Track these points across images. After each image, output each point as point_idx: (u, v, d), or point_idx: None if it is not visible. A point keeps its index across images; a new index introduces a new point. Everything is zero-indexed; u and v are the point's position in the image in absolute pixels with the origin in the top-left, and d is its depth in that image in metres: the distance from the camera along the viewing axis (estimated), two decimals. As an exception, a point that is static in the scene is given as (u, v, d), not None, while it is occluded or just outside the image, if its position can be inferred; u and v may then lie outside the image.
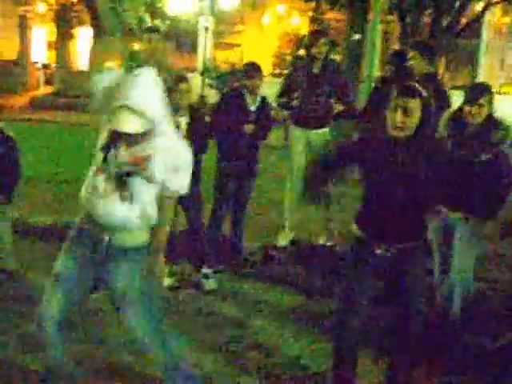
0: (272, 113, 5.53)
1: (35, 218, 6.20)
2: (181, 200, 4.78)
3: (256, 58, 5.20)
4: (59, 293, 2.97)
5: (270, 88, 5.82)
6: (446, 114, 4.18)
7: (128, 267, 2.93)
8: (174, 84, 4.68)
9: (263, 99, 5.31)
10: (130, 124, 2.68)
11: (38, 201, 6.95)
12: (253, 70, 5.20)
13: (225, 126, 5.13)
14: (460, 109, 4.07)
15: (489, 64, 20.15)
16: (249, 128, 5.17)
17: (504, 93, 18.10)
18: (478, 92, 4.01)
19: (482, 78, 18.81)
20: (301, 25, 22.75)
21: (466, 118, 3.98)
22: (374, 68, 17.12)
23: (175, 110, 4.67)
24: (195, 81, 16.31)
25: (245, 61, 6.30)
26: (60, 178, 8.15)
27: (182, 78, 4.79)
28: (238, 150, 5.20)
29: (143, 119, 2.70)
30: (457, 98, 4.73)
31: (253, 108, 5.23)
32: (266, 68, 23.87)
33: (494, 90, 4.09)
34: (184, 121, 4.72)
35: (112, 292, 3.01)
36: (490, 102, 4.00)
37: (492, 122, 3.99)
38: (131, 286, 2.93)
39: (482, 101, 3.93)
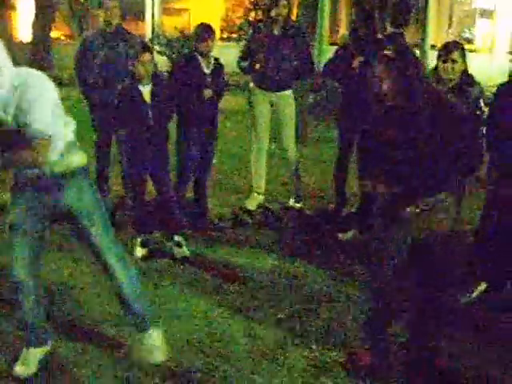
0: (226, 77, 5.47)
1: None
2: (149, 169, 4.77)
3: (204, 22, 5.10)
4: (21, 241, 3.11)
5: (220, 53, 5.72)
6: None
7: (74, 189, 3.09)
8: (137, 54, 4.58)
9: (216, 60, 5.23)
10: None
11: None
12: (205, 32, 5.09)
13: (182, 92, 5.06)
14: (435, 67, 4.14)
15: (437, 22, 20.36)
16: (207, 93, 5.11)
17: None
18: (450, 48, 4.08)
19: (430, 35, 18.97)
20: (248, -13, 22.42)
21: (441, 75, 4.05)
22: (323, 29, 17.05)
23: (138, 79, 4.60)
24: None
25: (193, 25, 6.12)
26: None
27: (144, 48, 4.68)
28: (197, 114, 5.15)
29: None
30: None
31: (208, 71, 5.16)
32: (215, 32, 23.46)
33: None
34: (147, 90, 4.62)
35: (67, 216, 3.15)
36: (463, 58, 4.07)
37: (468, 79, 4.08)
38: (83, 205, 3.11)
39: (454, 56, 4.01)
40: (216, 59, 5.23)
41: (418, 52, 19.00)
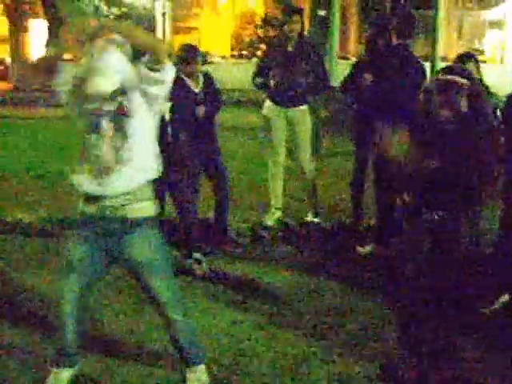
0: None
1: (11, 215, 6.11)
2: (169, 188, 4.78)
3: (214, 40, 5.11)
4: (75, 279, 3.06)
5: (231, 70, 5.74)
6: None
7: (145, 237, 3.03)
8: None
9: (205, 75, 5.17)
10: (100, 86, 2.82)
11: (12, 197, 6.83)
12: (188, 54, 5.00)
13: (176, 112, 5.01)
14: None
15: (447, 34, 20.43)
16: (200, 110, 5.06)
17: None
18: (463, 58, 4.10)
19: (441, 48, 19.05)
20: (256, 4, 22.66)
21: None
22: (334, 44, 17.19)
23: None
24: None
25: (203, 43, 6.07)
26: (31, 173, 8.01)
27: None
28: (195, 132, 5.05)
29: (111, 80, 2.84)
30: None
31: (197, 90, 5.10)
32: (225, 49, 23.72)
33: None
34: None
35: (132, 264, 3.08)
36: (477, 69, 4.09)
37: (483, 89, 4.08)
38: (152, 255, 3.05)
39: (468, 67, 4.02)
40: (206, 74, 5.19)
41: (427, 64, 19.06)
